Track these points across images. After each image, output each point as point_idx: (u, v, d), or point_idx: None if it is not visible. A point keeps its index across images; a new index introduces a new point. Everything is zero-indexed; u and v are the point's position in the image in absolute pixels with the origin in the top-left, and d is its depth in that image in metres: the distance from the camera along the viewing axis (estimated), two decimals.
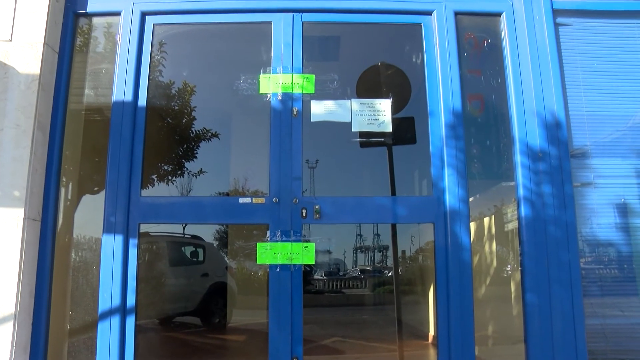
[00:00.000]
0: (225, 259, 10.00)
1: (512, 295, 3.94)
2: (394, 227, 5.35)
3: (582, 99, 3.92)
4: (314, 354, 5.67)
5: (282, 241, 3.61)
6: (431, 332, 5.17)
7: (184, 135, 8.08)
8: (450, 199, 3.66)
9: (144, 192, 3.74)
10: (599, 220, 3.82)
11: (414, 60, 4.32)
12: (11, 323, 3.34)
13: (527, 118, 3.79)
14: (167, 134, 7.63)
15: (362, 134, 4.28)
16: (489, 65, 4.03)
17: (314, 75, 3.87)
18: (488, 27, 4.06)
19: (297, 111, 3.78)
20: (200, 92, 6.79)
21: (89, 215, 4.00)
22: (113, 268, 3.54)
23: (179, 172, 8.37)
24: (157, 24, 3.99)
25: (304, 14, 3.95)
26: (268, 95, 3.85)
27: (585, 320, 3.53)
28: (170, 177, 8.23)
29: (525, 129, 3.77)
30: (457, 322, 3.51)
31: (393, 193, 5.16)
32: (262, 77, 3.88)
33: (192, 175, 8.57)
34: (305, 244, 3.62)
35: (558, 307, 3.53)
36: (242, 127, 7.58)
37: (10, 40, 3.70)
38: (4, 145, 3.53)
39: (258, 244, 3.63)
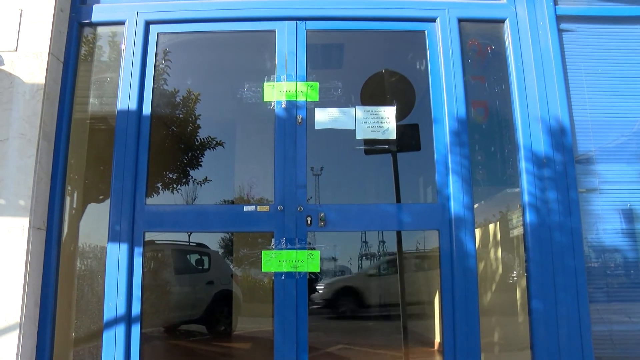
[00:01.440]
0: (231, 266, 9.98)
1: (518, 302, 3.92)
2: (399, 234, 5.34)
3: (587, 105, 3.91)
4: None
5: (287, 249, 3.61)
6: (437, 339, 5.14)
7: (189, 143, 8.10)
8: (455, 206, 3.65)
9: (149, 201, 3.75)
10: (605, 226, 3.81)
11: (417, 67, 4.33)
12: (16, 332, 3.34)
13: (531, 124, 3.78)
14: (172, 142, 7.64)
15: (366, 142, 4.28)
16: (493, 72, 4.03)
17: (318, 83, 3.88)
18: (491, 34, 4.06)
19: (301, 119, 3.79)
20: (204, 100, 6.82)
21: (94, 223, 4.02)
22: (118, 276, 3.55)
23: (184, 181, 8.39)
24: (161, 33, 4.00)
25: (307, 22, 3.96)
26: (272, 103, 3.85)
27: (591, 327, 3.51)
28: (175, 186, 8.25)
29: (529, 135, 3.76)
30: (462, 329, 3.50)
31: (398, 200, 5.15)
32: (266, 85, 3.89)
33: (197, 183, 8.59)
34: (310, 251, 3.62)
35: (564, 313, 3.51)
36: (246, 135, 7.59)
37: (16, 50, 3.72)
38: (9, 155, 3.54)
39: (263, 251, 3.62)
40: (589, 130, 3.90)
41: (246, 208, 3.74)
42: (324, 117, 3.89)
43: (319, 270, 3.69)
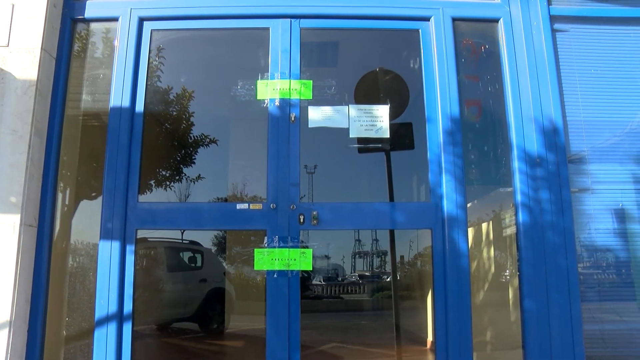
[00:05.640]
0: (223, 264, 9.98)
1: (510, 301, 3.93)
2: (392, 232, 5.34)
3: (580, 105, 3.92)
4: None
5: (279, 247, 3.61)
6: (429, 338, 5.15)
7: (182, 140, 8.08)
8: (448, 205, 3.66)
9: (142, 198, 3.73)
10: (597, 226, 3.82)
11: (411, 66, 4.32)
12: (7, 330, 3.32)
13: (524, 124, 3.79)
14: (165, 139, 7.62)
15: (360, 140, 4.28)
16: (487, 71, 4.03)
17: (311, 81, 3.87)
18: (486, 33, 4.06)
19: (294, 117, 3.78)
20: (198, 97, 6.80)
21: (86, 221, 3.99)
22: (110, 274, 3.53)
23: (177, 178, 8.37)
24: (154, 30, 3.99)
25: (302, 19, 3.95)
26: (266, 101, 3.85)
27: (583, 326, 3.52)
28: (168, 183, 8.23)
29: (522, 134, 3.77)
30: (455, 328, 3.51)
31: (391, 199, 5.15)
32: (259, 83, 3.88)
33: (190, 181, 8.57)
34: (302, 250, 3.61)
35: (556, 312, 3.52)
36: (240, 133, 7.57)
37: (7, 46, 3.69)
38: (0, 151, 3.52)
39: (256, 249, 3.62)
40: (581, 130, 3.91)
41: (239, 206, 3.73)
42: (318, 115, 3.88)
43: (311, 269, 3.68)
